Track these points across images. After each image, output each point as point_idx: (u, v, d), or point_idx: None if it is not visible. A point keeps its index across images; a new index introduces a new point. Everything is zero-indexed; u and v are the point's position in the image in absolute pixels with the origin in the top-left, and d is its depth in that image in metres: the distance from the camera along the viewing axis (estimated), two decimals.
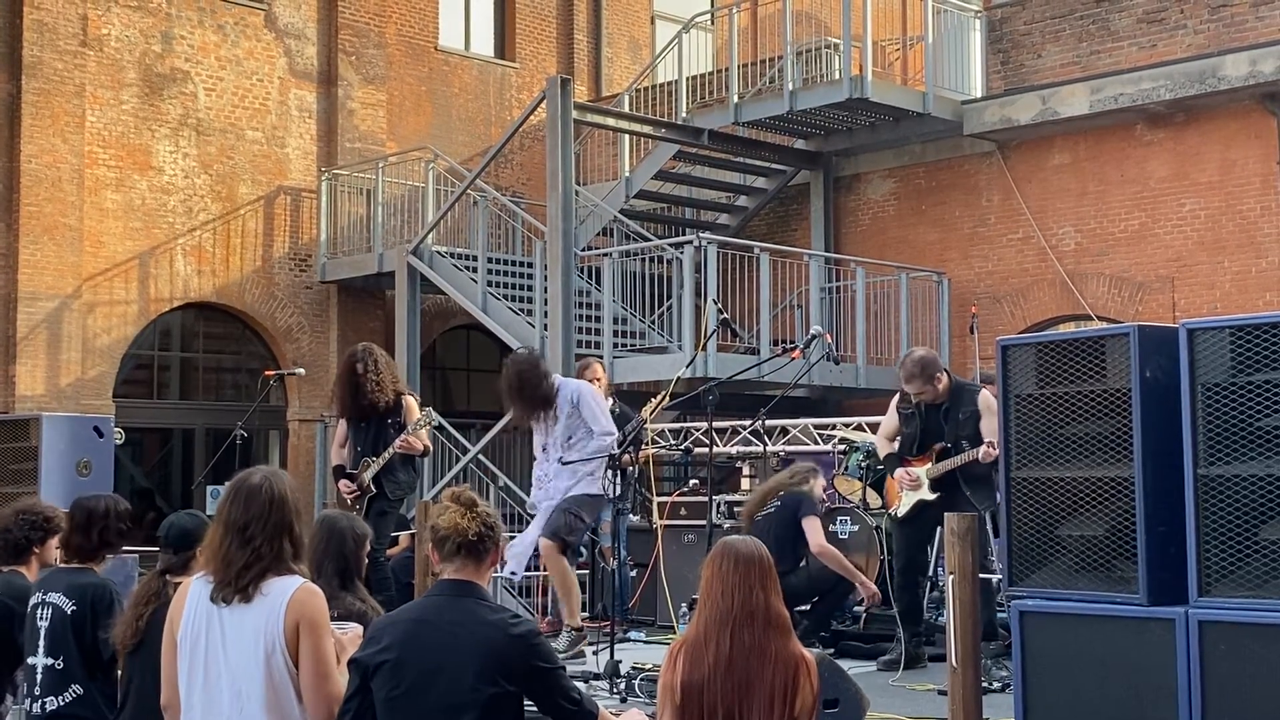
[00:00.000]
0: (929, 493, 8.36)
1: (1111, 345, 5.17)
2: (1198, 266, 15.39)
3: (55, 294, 16.70)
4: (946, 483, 8.31)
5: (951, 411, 8.35)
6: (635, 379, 15.53)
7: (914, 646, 8.39)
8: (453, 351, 20.58)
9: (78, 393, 16.73)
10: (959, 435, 8.28)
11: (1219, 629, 4.76)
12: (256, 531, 4.23)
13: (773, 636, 4.12)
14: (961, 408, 8.32)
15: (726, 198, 19.09)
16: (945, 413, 8.37)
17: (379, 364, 9.21)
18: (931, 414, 8.41)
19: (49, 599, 5.71)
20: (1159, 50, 15.75)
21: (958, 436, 8.28)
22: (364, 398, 9.16)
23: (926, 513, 8.37)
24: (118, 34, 17.51)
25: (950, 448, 8.32)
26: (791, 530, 9.16)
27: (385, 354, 9.40)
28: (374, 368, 9.17)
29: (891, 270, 16.80)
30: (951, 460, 8.26)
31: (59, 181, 16.73)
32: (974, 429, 8.24)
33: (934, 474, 8.35)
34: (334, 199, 18.94)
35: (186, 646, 4.27)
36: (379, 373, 9.18)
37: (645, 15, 22.86)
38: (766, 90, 17.39)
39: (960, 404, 8.34)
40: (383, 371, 9.21)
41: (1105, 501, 5.13)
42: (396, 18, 19.98)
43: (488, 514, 4.33)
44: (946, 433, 8.33)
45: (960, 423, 8.27)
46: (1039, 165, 16.57)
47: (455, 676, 4.10)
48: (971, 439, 8.22)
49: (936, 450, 8.38)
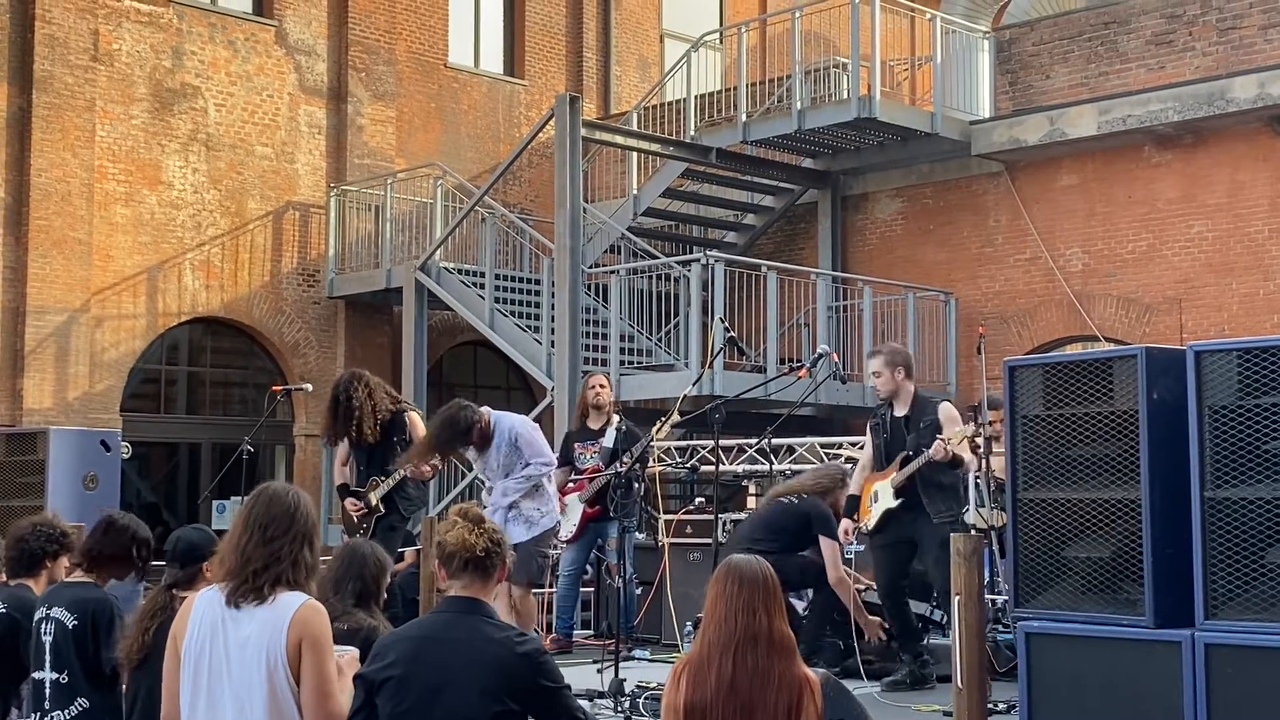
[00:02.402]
0: (893, 500, 8.41)
1: (1119, 367, 5.17)
2: (1205, 288, 15.38)
3: (64, 308, 16.73)
4: (909, 491, 8.36)
5: (913, 421, 8.46)
6: (642, 396, 15.53)
7: (919, 667, 8.38)
8: (460, 368, 20.59)
9: (85, 406, 16.75)
10: (920, 444, 8.36)
11: (1225, 652, 4.75)
12: (277, 533, 4.23)
13: (776, 659, 4.11)
14: (923, 418, 8.42)
15: (734, 216, 19.10)
16: (907, 422, 8.47)
17: (370, 391, 9.21)
18: (896, 425, 8.53)
19: (52, 614, 5.71)
20: (1168, 72, 15.76)
21: (918, 445, 8.36)
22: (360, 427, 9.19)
23: (896, 526, 8.41)
24: (129, 49, 17.58)
25: (911, 455, 8.38)
26: (797, 525, 9.03)
27: (374, 378, 9.40)
28: (366, 396, 9.17)
29: (899, 290, 16.80)
30: (908, 469, 8.31)
31: (69, 196, 16.78)
32: (932, 438, 8.29)
33: (897, 482, 8.41)
34: (343, 215, 18.98)
35: (190, 661, 4.26)
36: (373, 400, 9.19)
37: (654, 34, 22.91)
38: (775, 109, 17.42)
39: (922, 414, 8.45)
40: (375, 397, 9.21)
41: (1112, 523, 5.13)
42: (406, 35, 20.04)
43: (495, 531, 4.33)
44: (909, 442, 8.40)
45: (921, 431, 8.37)
46: (1047, 186, 16.58)
47: (460, 693, 4.10)
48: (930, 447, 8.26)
49: (899, 459, 8.44)
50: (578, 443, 10.55)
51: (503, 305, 16.93)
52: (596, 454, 10.32)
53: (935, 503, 8.24)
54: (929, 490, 8.28)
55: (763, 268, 15.95)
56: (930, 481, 8.28)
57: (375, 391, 9.23)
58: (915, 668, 8.35)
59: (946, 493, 8.31)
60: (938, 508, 8.22)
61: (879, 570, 8.70)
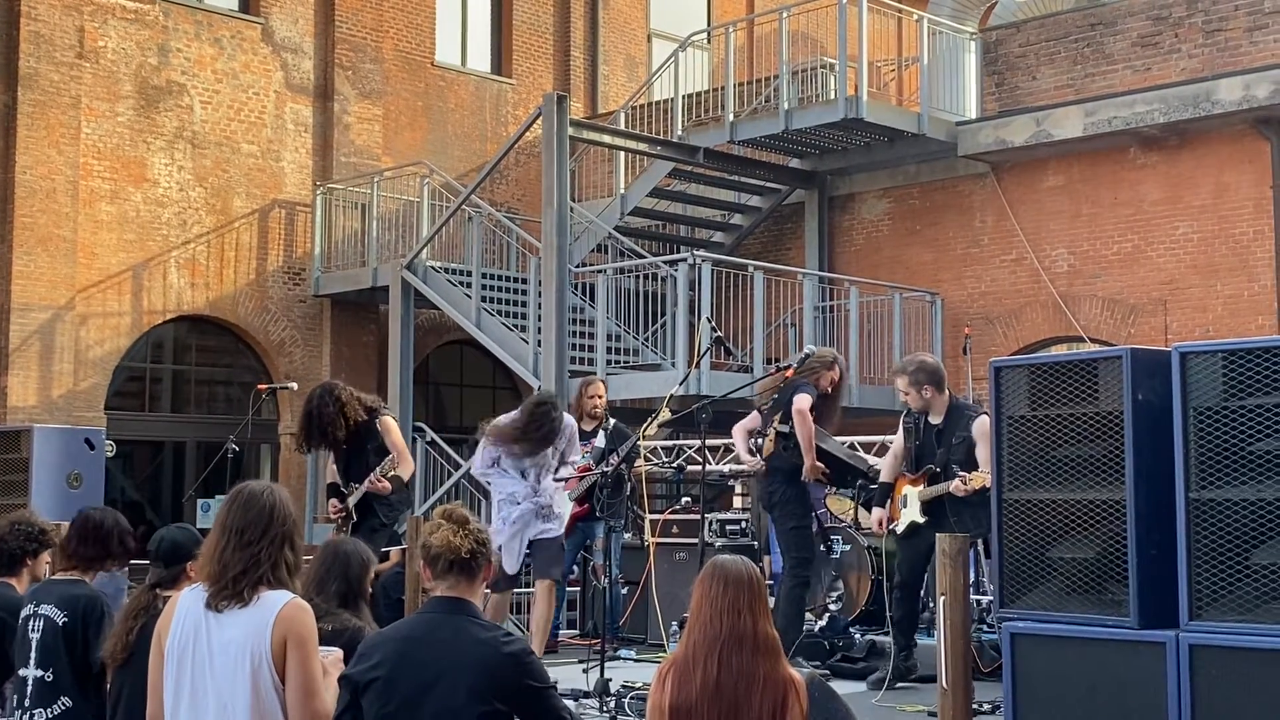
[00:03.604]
0: (919, 515, 8.40)
1: (1104, 368, 5.18)
2: (1190, 290, 15.42)
3: (48, 305, 16.67)
4: (935, 508, 8.34)
5: (945, 433, 8.37)
6: (628, 396, 15.53)
7: (903, 659, 8.40)
8: (446, 367, 20.56)
9: (69, 404, 16.69)
10: (949, 459, 8.30)
11: (1210, 653, 4.76)
12: (254, 537, 4.21)
13: (761, 660, 4.12)
14: (956, 430, 8.33)
15: (721, 216, 19.11)
16: (939, 434, 8.39)
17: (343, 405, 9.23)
18: (928, 432, 8.45)
19: (41, 610, 5.70)
20: (1153, 74, 15.80)
21: (948, 460, 8.30)
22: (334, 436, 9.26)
23: (921, 534, 8.39)
24: (114, 46, 17.52)
25: (940, 472, 8.34)
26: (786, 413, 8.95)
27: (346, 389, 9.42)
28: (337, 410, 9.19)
29: (885, 290, 16.82)
30: (935, 489, 8.31)
31: (53, 193, 16.72)
32: (965, 454, 8.24)
33: (924, 497, 8.38)
34: (329, 213, 18.94)
35: (174, 659, 4.25)
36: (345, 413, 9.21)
37: (642, 33, 22.90)
38: (762, 109, 17.43)
39: (955, 426, 8.35)
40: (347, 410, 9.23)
41: (1097, 524, 5.14)
42: (393, 33, 20.01)
43: (480, 531, 4.32)
44: (939, 455, 8.35)
45: (953, 446, 8.28)
46: (1033, 187, 16.61)
47: (447, 694, 4.09)
48: (963, 464, 8.22)
49: (926, 474, 8.41)
50: None
51: (489, 304, 16.91)
52: (588, 454, 10.33)
53: (963, 520, 8.16)
54: (956, 507, 8.24)
55: (749, 267, 15.96)
56: (960, 502, 8.23)
57: (348, 405, 9.24)
58: (899, 660, 8.36)
59: (975, 510, 8.16)
60: (965, 526, 8.10)
61: (900, 564, 8.74)
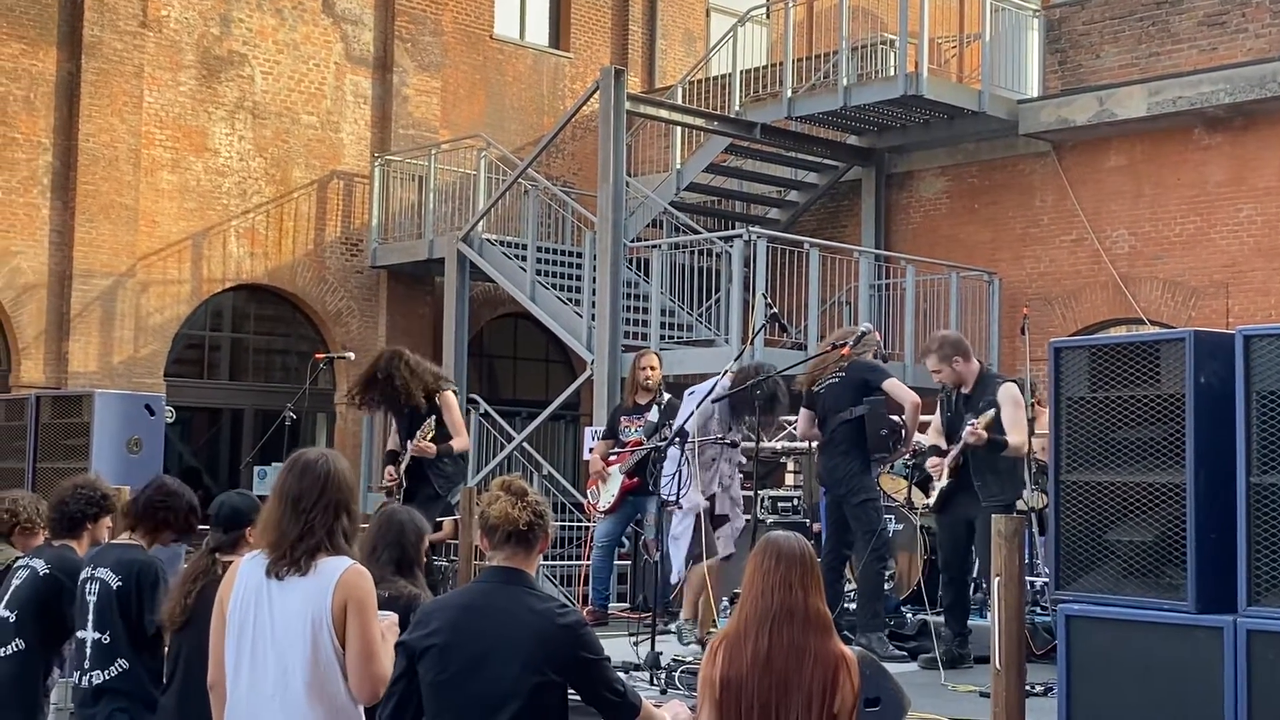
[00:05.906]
0: (945, 480, 8.38)
1: (1166, 350, 5.14)
2: (1253, 273, 15.23)
3: (109, 272, 16.86)
4: (961, 473, 8.31)
5: (973, 400, 8.36)
6: (682, 371, 15.48)
7: (957, 646, 8.36)
8: (500, 339, 20.64)
9: (129, 370, 16.89)
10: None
11: (1268, 639, 4.73)
12: (310, 504, 4.26)
13: (812, 635, 4.12)
14: (984, 397, 8.30)
15: (777, 192, 19.04)
16: (967, 401, 8.37)
17: (413, 370, 9.26)
18: (958, 403, 8.46)
19: (98, 574, 5.77)
20: (1219, 53, 15.59)
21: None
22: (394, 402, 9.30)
23: (955, 506, 8.38)
24: (177, 15, 17.65)
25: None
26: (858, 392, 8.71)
27: (413, 355, 9.44)
28: (409, 374, 9.22)
29: (942, 269, 16.71)
30: (954, 449, 8.25)
31: (116, 161, 16.89)
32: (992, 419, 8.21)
33: (949, 463, 8.35)
34: (386, 185, 19.03)
35: (235, 624, 4.30)
36: (417, 377, 9.24)
37: (701, 7, 22.83)
38: (820, 85, 17.33)
39: (983, 393, 8.33)
40: (419, 373, 9.27)
41: (1156, 507, 5.10)
42: (453, 6, 20.04)
43: (538, 503, 4.34)
44: (965, 422, 8.33)
45: (980, 411, 8.25)
46: (1094, 167, 16.44)
47: (501, 664, 4.12)
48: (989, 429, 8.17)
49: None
50: (624, 416, 10.58)
51: (544, 278, 16.95)
52: (640, 428, 10.35)
53: (988, 486, 8.16)
54: (981, 473, 8.21)
55: (805, 244, 15.90)
56: (984, 464, 8.20)
57: (417, 369, 9.28)
58: (953, 645, 8.32)
59: (1001, 477, 8.19)
60: (990, 491, 8.13)
61: (942, 542, 8.71)
